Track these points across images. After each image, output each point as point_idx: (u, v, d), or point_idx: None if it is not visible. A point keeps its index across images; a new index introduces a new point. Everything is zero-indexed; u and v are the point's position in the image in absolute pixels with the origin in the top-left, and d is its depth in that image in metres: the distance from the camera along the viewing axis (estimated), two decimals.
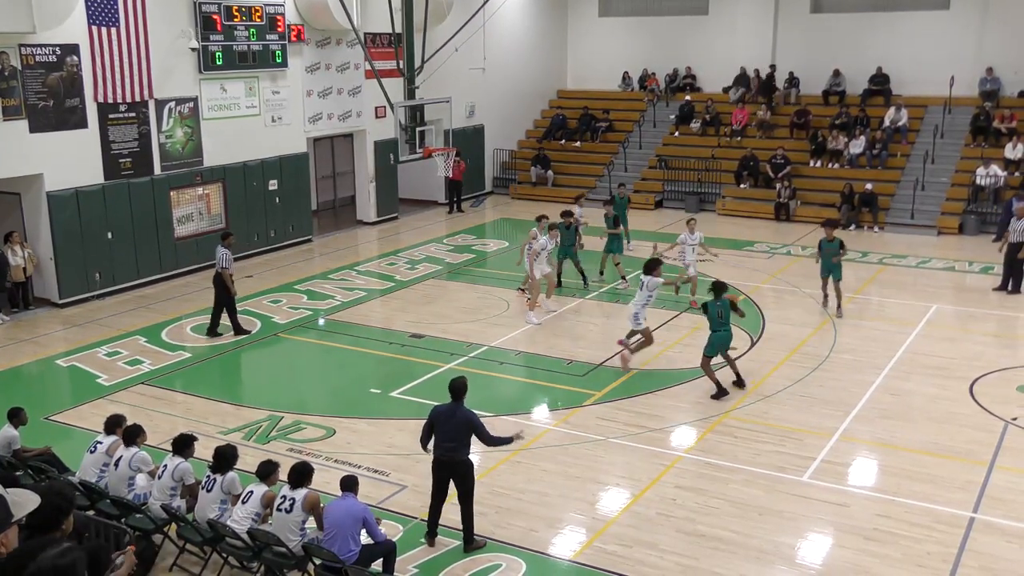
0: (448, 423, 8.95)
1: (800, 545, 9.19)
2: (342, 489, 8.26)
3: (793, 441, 11.38)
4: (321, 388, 13.94)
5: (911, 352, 14.52)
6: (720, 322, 12.83)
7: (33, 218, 17.29)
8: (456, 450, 8.94)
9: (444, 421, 8.98)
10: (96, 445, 9.44)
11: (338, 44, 22.71)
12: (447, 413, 9.01)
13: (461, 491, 9.07)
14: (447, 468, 9.02)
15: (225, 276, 15.14)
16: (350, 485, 8.26)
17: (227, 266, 15.16)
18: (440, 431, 9.00)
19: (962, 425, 11.83)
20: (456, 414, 8.96)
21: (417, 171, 25.35)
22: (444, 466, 9.02)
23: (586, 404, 12.64)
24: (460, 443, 8.94)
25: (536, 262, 16.15)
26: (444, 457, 8.98)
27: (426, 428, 9.18)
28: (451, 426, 8.93)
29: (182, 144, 19.27)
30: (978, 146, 24.61)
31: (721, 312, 12.82)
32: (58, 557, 3.29)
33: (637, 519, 9.64)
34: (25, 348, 15.36)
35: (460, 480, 9.05)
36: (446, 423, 8.96)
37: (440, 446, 9.00)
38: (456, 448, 8.94)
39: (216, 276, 15.33)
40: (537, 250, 16.14)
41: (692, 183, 26.44)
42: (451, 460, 8.97)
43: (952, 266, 19.93)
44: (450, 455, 8.96)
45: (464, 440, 8.94)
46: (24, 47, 16.15)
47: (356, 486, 8.30)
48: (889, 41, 26.76)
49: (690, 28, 29.75)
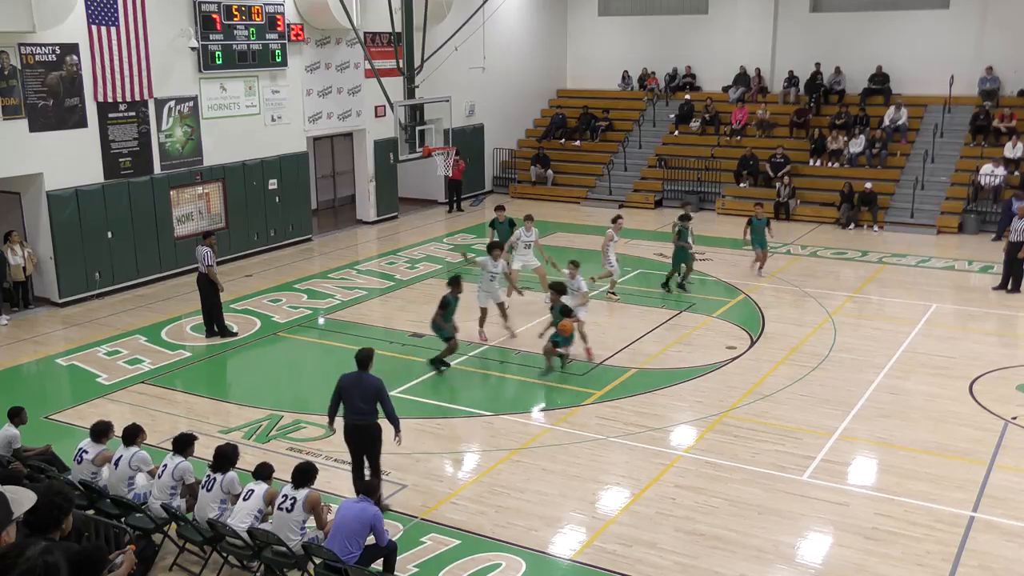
0: (356, 389, 9.55)
1: (800, 544, 9.20)
2: (357, 493, 8.36)
3: (793, 440, 11.38)
4: (321, 387, 13.84)
5: (911, 351, 14.53)
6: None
7: (33, 217, 17.29)
8: (366, 414, 9.53)
9: (352, 388, 9.57)
10: (82, 455, 9.25)
11: (338, 43, 22.71)
12: (355, 381, 9.61)
13: (369, 455, 9.68)
14: (359, 432, 9.60)
15: (212, 274, 15.00)
16: (369, 492, 8.28)
17: (211, 264, 15.01)
18: (349, 398, 9.57)
19: (962, 424, 11.84)
20: (363, 381, 9.56)
21: (417, 170, 25.34)
22: (355, 431, 9.60)
23: (586, 403, 12.64)
24: (369, 408, 9.53)
25: (516, 252, 16.78)
26: (357, 422, 9.57)
27: (335, 397, 9.72)
28: (359, 392, 9.53)
29: (182, 143, 19.27)
30: (978, 145, 24.62)
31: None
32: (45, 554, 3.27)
33: (637, 518, 9.64)
34: (25, 347, 15.36)
35: (370, 443, 9.63)
36: (355, 390, 9.56)
37: (350, 412, 9.59)
38: (366, 412, 9.52)
39: (200, 277, 15.19)
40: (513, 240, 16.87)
41: (692, 182, 26.44)
42: (363, 424, 9.55)
43: (952, 265, 19.94)
44: (360, 419, 9.54)
45: (372, 406, 9.54)
46: (24, 46, 16.15)
47: (375, 493, 8.33)
48: (889, 40, 26.76)
49: (690, 27, 29.75)
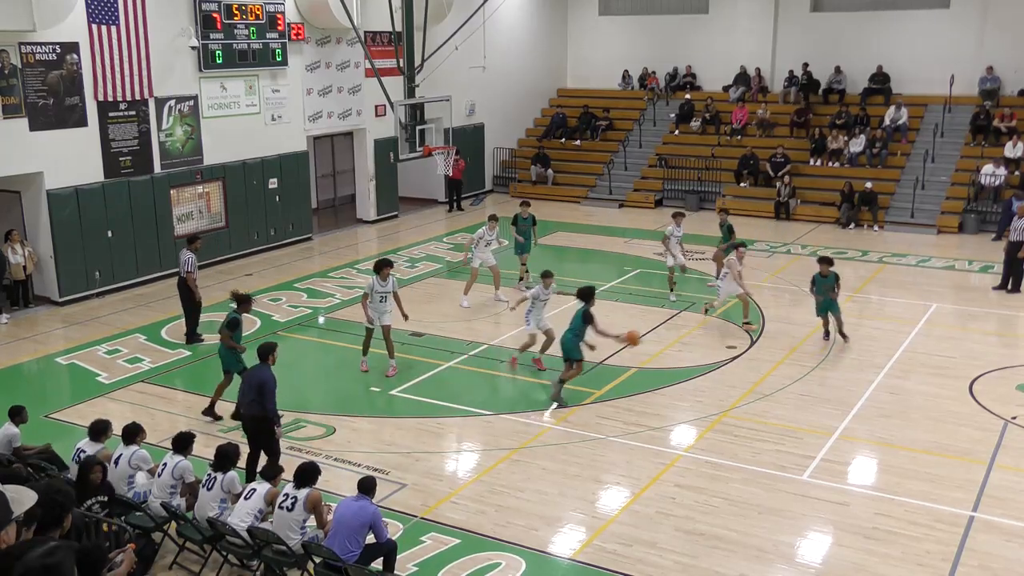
0: (248, 381, 10.15)
1: (800, 544, 9.20)
2: (359, 490, 8.25)
3: (793, 440, 11.38)
4: (321, 386, 13.94)
5: (911, 351, 14.52)
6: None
7: (33, 216, 17.29)
8: (251, 405, 10.00)
9: (246, 379, 10.21)
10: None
11: (338, 43, 22.71)
12: (249, 372, 10.35)
13: (261, 442, 10.13)
14: (247, 422, 10.21)
15: (190, 280, 14.81)
16: (367, 488, 8.23)
17: (191, 270, 14.80)
18: (241, 388, 10.23)
19: (961, 424, 11.84)
20: (255, 373, 10.11)
21: (417, 170, 25.34)
22: (245, 420, 10.25)
23: (586, 403, 12.64)
24: (254, 399, 9.96)
25: (477, 250, 17.09)
26: (244, 412, 10.18)
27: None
28: (247, 384, 10.10)
29: (182, 142, 19.27)
30: (978, 145, 24.61)
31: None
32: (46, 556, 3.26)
33: (637, 518, 9.64)
34: (25, 346, 15.37)
35: (257, 432, 10.10)
36: (247, 381, 10.18)
37: (241, 402, 10.20)
38: (252, 403, 9.98)
39: (180, 281, 15.08)
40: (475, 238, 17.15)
41: (692, 182, 26.44)
42: (248, 415, 10.08)
43: (952, 265, 19.94)
44: (247, 410, 10.07)
45: (256, 397, 9.95)
46: (24, 45, 16.15)
47: (373, 490, 8.27)
48: (889, 40, 26.75)
49: (690, 27, 29.74)
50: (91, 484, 7.35)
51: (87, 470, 7.38)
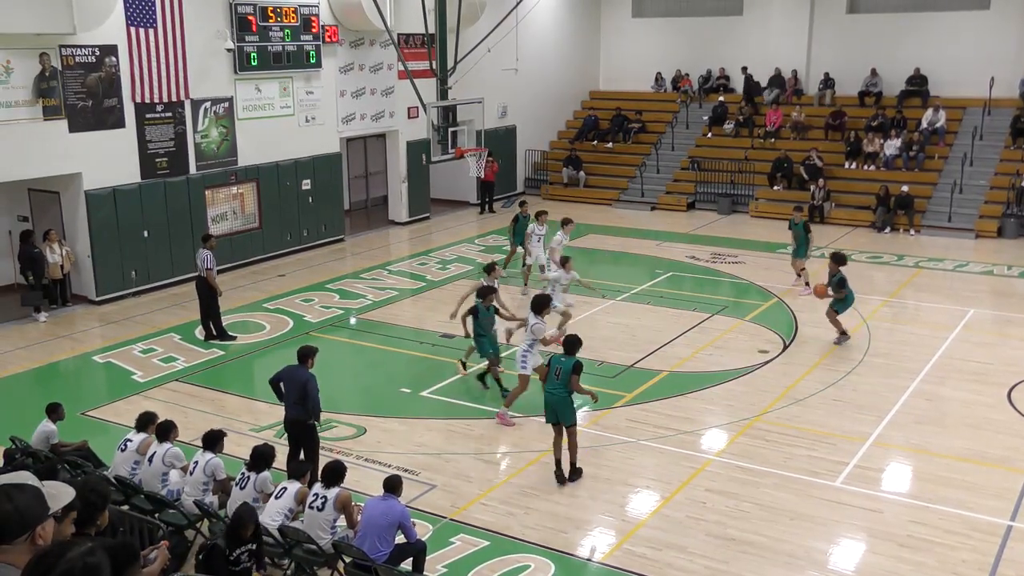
0: (289, 383, 10.09)
1: (832, 551, 9.10)
2: (384, 489, 8.27)
3: (826, 445, 11.26)
4: (352, 387, 14.00)
5: (947, 357, 14.32)
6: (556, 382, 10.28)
7: (71, 216, 17.56)
8: (293, 408, 10.03)
9: (287, 381, 10.13)
10: (127, 443, 9.50)
11: (371, 45, 22.83)
12: (290, 374, 10.15)
13: (302, 445, 10.18)
14: (289, 426, 10.23)
15: (210, 278, 15.00)
16: (393, 487, 8.25)
17: (211, 267, 15.02)
18: (285, 390, 10.19)
19: (999, 431, 11.64)
20: (297, 375, 10.05)
21: (449, 171, 25.38)
22: (287, 424, 10.27)
23: (616, 405, 12.59)
24: (295, 401, 9.99)
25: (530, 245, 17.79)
26: (287, 415, 10.18)
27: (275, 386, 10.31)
28: (291, 385, 10.06)
29: (217, 144, 19.47)
30: (1018, 148, 24.21)
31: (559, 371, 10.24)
32: (87, 555, 3.29)
33: (667, 522, 9.59)
34: (63, 344, 15.60)
35: (300, 436, 10.14)
36: (288, 383, 10.12)
37: (286, 404, 10.20)
38: (294, 405, 10.01)
39: (199, 280, 15.23)
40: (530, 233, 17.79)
41: (725, 185, 26.26)
42: (290, 419, 10.12)
43: (990, 270, 19.62)
44: (290, 413, 10.08)
45: (298, 399, 9.97)
46: (64, 48, 16.40)
47: (399, 488, 8.29)
48: (927, 41, 26.38)
49: (724, 29, 29.54)
50: (242, 538, 7.52)
51: (238, 526, 7.48)
